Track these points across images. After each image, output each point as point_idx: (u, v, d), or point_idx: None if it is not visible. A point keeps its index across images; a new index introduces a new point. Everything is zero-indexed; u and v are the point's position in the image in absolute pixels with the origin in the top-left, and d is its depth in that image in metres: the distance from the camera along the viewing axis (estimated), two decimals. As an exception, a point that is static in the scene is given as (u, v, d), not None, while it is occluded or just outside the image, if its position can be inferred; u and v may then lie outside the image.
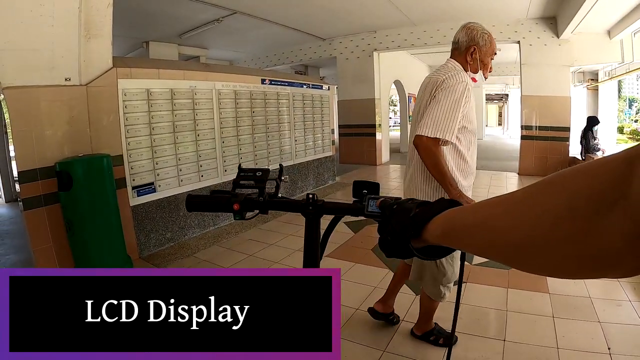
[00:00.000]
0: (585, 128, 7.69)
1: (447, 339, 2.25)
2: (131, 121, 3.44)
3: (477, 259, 3.65)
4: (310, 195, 0.93)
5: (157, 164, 3.76)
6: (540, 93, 8.14)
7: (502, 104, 28.29)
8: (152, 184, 3.74)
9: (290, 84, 6.17)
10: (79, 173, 2.77)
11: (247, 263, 3.63)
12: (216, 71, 4.65)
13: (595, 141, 7.54)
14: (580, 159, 7.61)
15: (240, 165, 1.08)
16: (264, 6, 7.13)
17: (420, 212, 0.65)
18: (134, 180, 3.55)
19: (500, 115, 31.66)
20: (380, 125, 10.40)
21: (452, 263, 2.05)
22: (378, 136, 10.35)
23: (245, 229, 4.64)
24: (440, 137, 1.75)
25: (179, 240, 4.10)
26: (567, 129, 8.08)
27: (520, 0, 7.10)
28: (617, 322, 2.45)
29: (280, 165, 1.07)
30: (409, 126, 13.71)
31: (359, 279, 3.21)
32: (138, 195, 3.61)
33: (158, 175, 3.79)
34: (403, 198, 0.85)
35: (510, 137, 20.64)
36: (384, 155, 10.93)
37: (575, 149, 8.29)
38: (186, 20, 7.73)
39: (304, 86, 6.61)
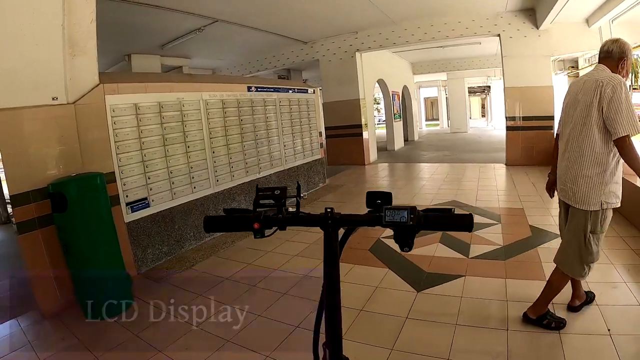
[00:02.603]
0: None
1: (558, 323, 2.36)
2: (121, 137, 3.44)
3: (474, 251, 3.77)
4: (329, 209, 0.97)
5: (149, 178, 3.75)
6: (522, 84, 8.36)
7: (484, 96, 28.78)
8: (145, 199, 3.73)
9: (276, 90, 6.20)
10: (73, 193, 2.75)
11: (247, 272, 3.67)
12: (203, 81, 4.66)
13: None
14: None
15: (257, 185, 1.13)
16: (244, 13, 7.18)
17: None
18: (127, 196, 3.54)
19: (483, 107, 32.19)
20: (366, 124, 10.51)
21: (598, 243, 2.21)
22: (365, 135, 10.48)
23: (240, 238, 4.66)
24: (633, 133, 2.02)
25: (176, 254, 4.09)
26: (552, 118, 8.29)
27: None
28: (614, 304, 2.55)
29: (298, 183, 1.15)
30: (394, 124, 13.97)
31: (360, 280, 3.27)
32: (132, 212, 3.60)
33: (151, 189, 3.79)
34: None
35: (494, 129, 20.99)
36: (372, 154, 11.05)
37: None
38: (168, 31, 7.74)
39: (290, 91, 6.66)
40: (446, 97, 23.71)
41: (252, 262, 3.91)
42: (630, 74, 2.35)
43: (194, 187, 4.37)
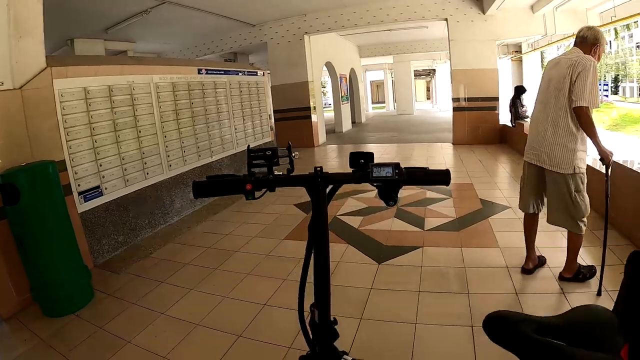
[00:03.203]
0: (513, 97, 8.46)
1: (591, 271, 2.68)
2: (71, 123, 3.32)
3: (429, 224, 4.10)
4: (318, 168, 1.01)
5: (100, 165, 3.67)
6: (468, 67, 8.91)
7: (429, 79, 29.89)
8: (98, 187, 3.65)
9: (227, 72, 6.17)
10: (25, 184, 2.65)
11: (208, 256, 3.73)
12: (153, 64, 4.56)
13: (524, 108, 8.32)
14: (511, 125, 8.42)
15: (249, 146, 1.17)
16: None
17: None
18: (79, 185, 3.44)
19: (428, 90, 33.44)
20: (314, 107, 10.68)
21: (583, 198, 2.53)
22: (313, 118, 10.64)
23: (197, 223, 4.70)
24: (592, 106, 2.38)
25: (132, 243, 4.05)
26: (496, 99, 8.96)
27: None
28: (562, 266, 2.82)
29: (289, 143, 1.17)
30: (342, 106, 14.25)
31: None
32: (85, 201, 3.51)
33: (103, 177, 3.72)
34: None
35: (440, 111, 22.01)
36: (321, 136, 11.27)
37: (505, 117, 9.17)
38: (113, 14, 7.37)
39: (240, 73, 6.64)
40: (392, 80, 24.39)
41: (212, 245, 3.98)
42: (601, 59, 2.69)
43: (147, 173, 4.32)
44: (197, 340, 2.42)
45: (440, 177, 1.06)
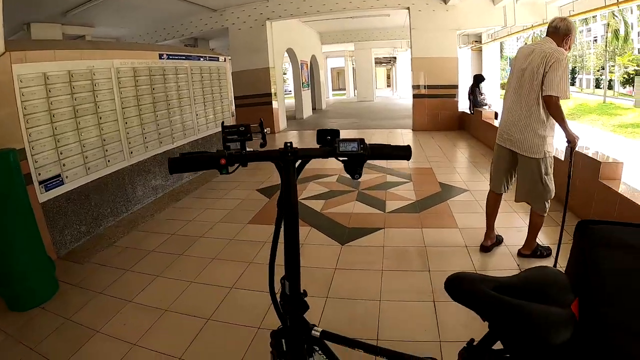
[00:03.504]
0: (472, 85, 8.85)
1: (547, 251, 2.96)
2: (30, 110, 3.23)
3: (389, 207, 4.33)
4: (288, 144, 1.07)
5: (61, 153, 3.60)
6: (429, 55, 9.21)
7: (390, 66, 30.42)
8: (59, 175, 3.59)
9: (188, 58, 6.10)
10: (-16, 173, 2.62)
11: (173, 243, 3.77)
12: (114, 48, 4.47)
13: (482, 97, 8.74)
14: (469, 112, 8.83)
15: (223, 122, 1.23)
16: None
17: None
18: (39, 174, 3.36)
19: (388, 77, 34.01)
20: (275, 93, 10.70)
21: (551, 180, 2.79)
22: (274, 105, 10.67)
23: (159, 210, 4.71)
24: (562, 97, 2.56)
25: (95, 232, 4.01)
26: (456, 87, 9.37)
27: None
28: (519, 245, 3.09)
29: (261, 119, 1.22)
30: (302, 93, 14.31)
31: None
32: (46, 190, 3.44)
33: (64, 165, 3.65)
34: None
35: (400, 98, 22.57)
36: (282, 123, 11.35)
37: (464, 105, 9.59)
38: None
39: (201, 59, 6.57)
40: (353, 67, 24.66)
41: (176, 232, 4.03)
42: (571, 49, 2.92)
43: (108, 161, 4.27)
44: (167, 325, 2.46)
45: (402, 152, 1.17)
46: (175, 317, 2.54)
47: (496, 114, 8.76)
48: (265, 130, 1.17)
